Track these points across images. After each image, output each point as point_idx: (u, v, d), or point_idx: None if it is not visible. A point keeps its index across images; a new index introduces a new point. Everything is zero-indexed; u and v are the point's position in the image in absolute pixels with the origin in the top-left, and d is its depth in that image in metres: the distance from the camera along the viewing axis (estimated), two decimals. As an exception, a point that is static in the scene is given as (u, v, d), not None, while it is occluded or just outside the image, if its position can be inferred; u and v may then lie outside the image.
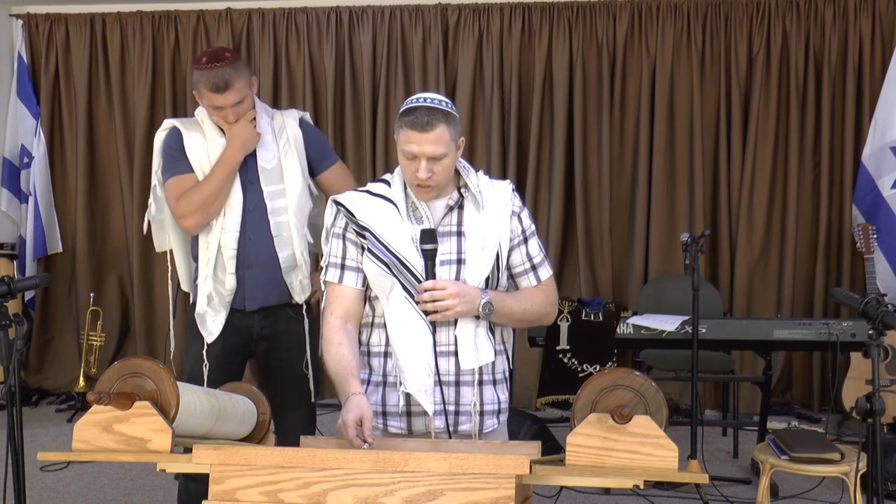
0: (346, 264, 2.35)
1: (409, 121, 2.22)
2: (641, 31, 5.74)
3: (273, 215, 3.02)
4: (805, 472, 3.34)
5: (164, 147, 3.06)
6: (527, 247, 2.39)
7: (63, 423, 5.40)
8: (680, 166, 5.72)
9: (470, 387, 2.32)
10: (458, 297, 2.22)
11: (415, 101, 2.27)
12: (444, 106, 2.26)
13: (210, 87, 2.91)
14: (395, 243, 2.28)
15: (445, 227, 2.33)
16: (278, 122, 3.13)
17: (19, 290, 2.56)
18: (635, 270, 5.77)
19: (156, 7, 6.05)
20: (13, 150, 6.16)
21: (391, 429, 2.34)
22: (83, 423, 1.88)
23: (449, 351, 2.30)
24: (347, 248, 2.35)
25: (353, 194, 2.39)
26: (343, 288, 2.35)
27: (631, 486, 1.82)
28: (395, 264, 2.27)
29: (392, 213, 2.32)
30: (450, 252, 2.31)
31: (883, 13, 5.56)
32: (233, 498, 1.80)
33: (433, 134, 2.21)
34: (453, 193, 2.35)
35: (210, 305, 3.02)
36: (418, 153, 2.22)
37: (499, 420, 2.40)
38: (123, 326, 6.25)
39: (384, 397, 2.34)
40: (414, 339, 2.27)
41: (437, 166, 2.24)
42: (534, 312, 2.40)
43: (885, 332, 2.32)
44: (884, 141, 5.35)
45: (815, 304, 5.64)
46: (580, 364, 5.34)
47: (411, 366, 2.27)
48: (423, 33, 5.87)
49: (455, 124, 2.27)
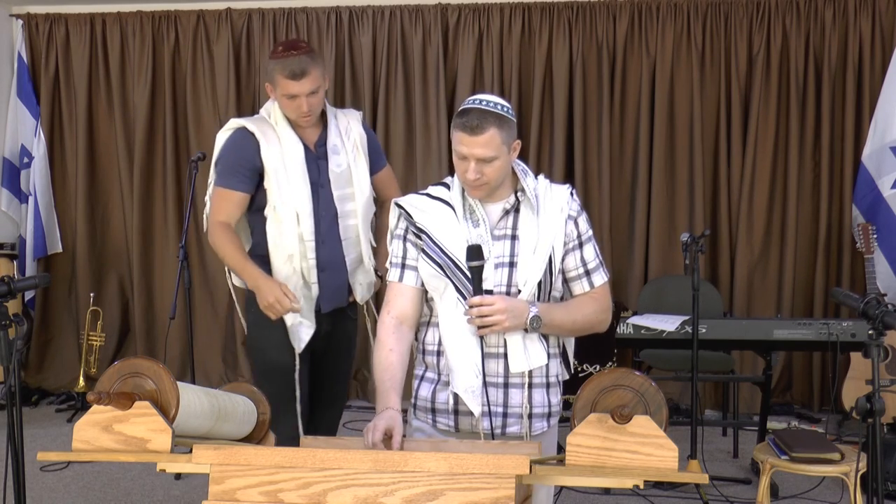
0: (407, 264, 2.40)
1: (461, 122, 2.26)
2: (641, 31, 5.74)
3: (343, 219, 3.03)
4: (805, 472, 3.34)
5: (224, 152, 3.01)
6: (581, 252, 2.39)
7: (63, 423, 5.39)
8: (680, 166, 5.71)
9: (519, 389, 2.33)
10: (505, 313, 2.22)
11: (470, 102, 2.31)
12: (497, 109, 2.27)
13: (287, 73, 2.88)
14: (449, 245, 2.32)
15: (501, 230, 2.35)
16: (343, 123, 3.10)
17: (19, 290, 2.56)
18: (635, 270, 5.77)
19: (156, 7, 6.05)
20: (13, 150, 6.16)
21: (440, 425, 2.38)
22: (83, 423, 1.88)
23: (498, 353, 2.32)
24: (408, 248, 2.40)
25: (414, 197, 2.44)
26: (402, 286, 2.39)
27: (631, 486, 1.82)
28: (449, 266, 2.31)
29: (449, 216, 2.35)
30: (502, 255, 2.32)
31: (883, 13, 5.55)
32: (233, 498, 1.80)
33: (483, 137, 2.23)
34: (510, 197, 2.37)
35: (303, 315, 3.01)
36: (468, 154, 2.26)
37: (549, 423, 2.41)
38: (123, 326, 6.25)
39: (434, 394, 2.38)
40: (463, 341, 2.29)
41: (486, 167, 2.27)
42: (585, 321, 2.40)
43: (885, 332, 2.32)
44: (884, 141, 5.35)
45: (815, 304, 5.64)
46: (580, 364, 5.35)
47: (460, 366, 2.30)
48: (423, 33, 5.87)
49: (508, 127, 2.28)
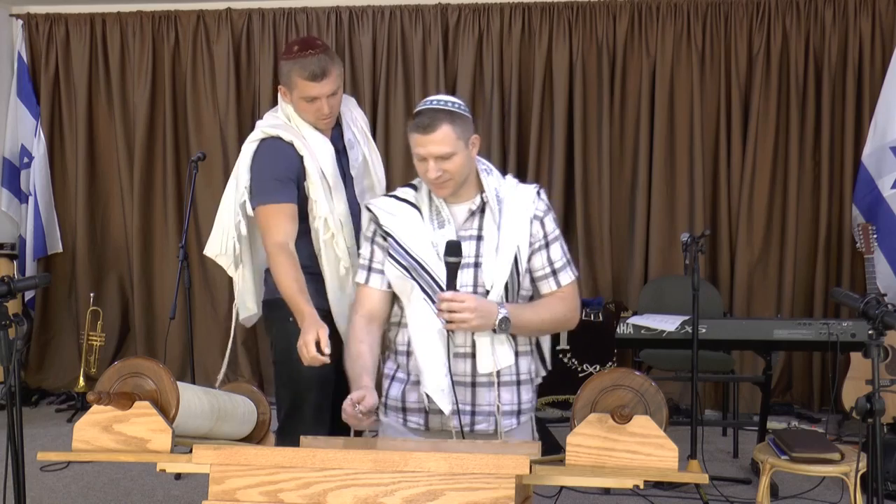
0: (373, 267, 2.43)
1: (414, 124, 2.31)
2: (641, 31, 5.74)
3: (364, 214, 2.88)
4: (805, 472, 3.34)
5: (264, 164, 2.73)
6: (548, 251, 2.42)
7: (63, 423, 5.39)
8: (680, 166, 5.71)
9: (487, 388, 2.36)
10: (474, 312, 2.24)
11: (422, 104, 2.35)
12: (449, 106, 2.31)
13: (306, 75, 2.68)
14: (414, 247, 2.34)
15: (467, 230, 2.38)
16: (348, 113, 2.92)
17: (19, 290, 2.56)
18: (635, 270, 5.77)
19: (156, 7, 6.04)
20: (13, 150, 6.15)
21: (410, 424, 2.41)
22: (83, 423, 1.88)
23: (466, 353, 2.34)
24: (375, 251, 2.43)
25: (383, 199, 2.48)
26: (369, 289, 2.43)
27: (631, 486, 1.82)
28: (415, 268, 2.33)
29: (415, 218, 2.38)
30: (468, 256, 2.34)
31: (883, 13, 5.55)
32: (233, 498, 1.80)
33: (437, 134, 2.27)
34: (476, 198, 2.40)
35: None
36: (426, 154, 2.30)
37: (519, 420, 2.44)
38: (123, 326, 6.25)
39: (405, 393, 2.41)
40: (431, 341, 2.32)
41: (446, 164, 2.29)
42: (553, 321, 2.44)
43: (885, 332, 2.32)
44: (884, 141, 5.35)
45: (815, 304, 5.63)
46: (580, 364, 5.35)
47: (429, 366, 2.32)
48: (423, 33, 5.87)
49: (462, 122, 2.31)
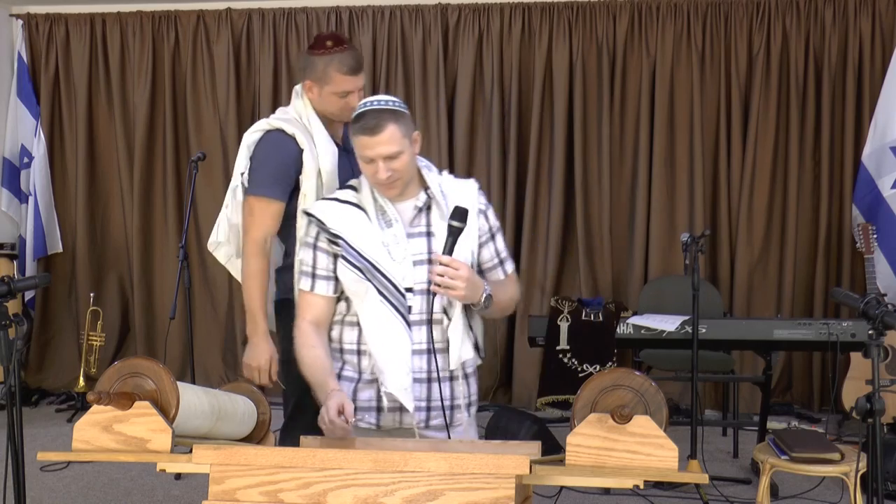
0: (317, 273, 2.42)
1: (359, 126, 2.30)
2: (641, 31, 5.74)
3: None
4: (805, 472, 3.34)
5: (263, 156, 2.76)
6: (494, 243, 2.50)
7: (63, 423, 5.39)
8: (680, 166, 5.71)
9: (444, 383, 2.39)
10: (466, 282, 2.28)
11: (363, 105, 2.34)
12: (390, 105, 2.32)
13: (346, 69, 2.72)
14: (366, 249, 2.34)
15: (416, 227, 2.38)
16: None
17: (19, 290, 2.56)
18: (635, 270, 5.77)
19: (156, 7, 6.05)
20: (13, 150, 6.15)
21: (361, 423, 2.41)
22: (83, 423, 1.88)
23: (422, 349, 2.36)
24: (318, 257, 2.42)
25: (323, 204, 2.45)
26: (314, 296, 2.42)
27: (631, 486, 1.82)
28: (369, 269, 2.33)
29: (361, 219, 2.38)
30: (420, 252, 2.36)
31: (883, 13, 5.55)
32: (233, 498, 1.80)
33: (383, 135, 2.27)
34: (420, 194, 2.40)
35: None
36: (374, 156, 2.29)
37: (469, 412, 2.49)
38: (123, 326, 6.25)
39: (356, 393, 2.41)
40: (392, 341, 2.33)
41: (395, 163, 2.30)
42: (508, 302, 2.53)
43: (885, 332, 2.32)
44: (884, 141, 5.35)
45: (815, 304, 5.63)
46: (580, 364, 5.34)
47: (390, 366, 2.34)
48: (423, 33, 5.87)
49: (405, 121, 2.32)
